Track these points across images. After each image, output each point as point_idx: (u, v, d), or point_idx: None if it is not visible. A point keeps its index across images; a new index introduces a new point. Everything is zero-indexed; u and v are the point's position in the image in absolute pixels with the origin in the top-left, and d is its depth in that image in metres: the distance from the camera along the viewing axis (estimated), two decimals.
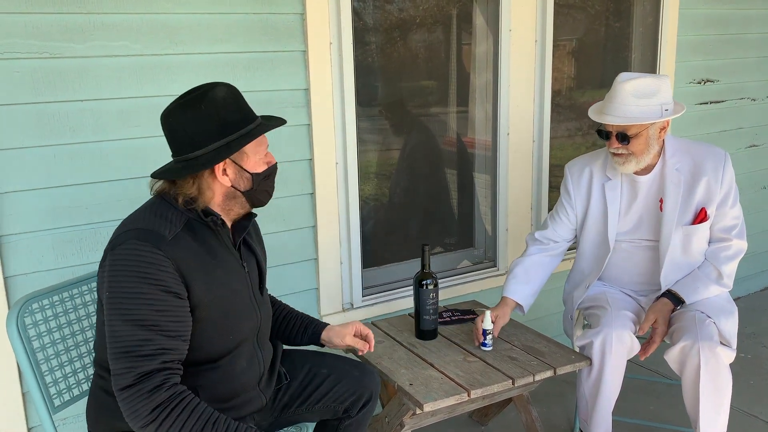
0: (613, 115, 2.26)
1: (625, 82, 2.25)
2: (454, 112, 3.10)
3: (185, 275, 1.55)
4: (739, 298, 4.21)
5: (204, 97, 1.59)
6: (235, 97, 1.64)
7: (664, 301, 2.38)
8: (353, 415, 1.98)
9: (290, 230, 2.59)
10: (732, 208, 2.37)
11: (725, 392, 2.24)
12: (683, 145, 2.41)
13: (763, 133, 4.09)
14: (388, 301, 2.87)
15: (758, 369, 3.32)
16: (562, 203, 2.58)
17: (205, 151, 1.59)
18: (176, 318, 1.54)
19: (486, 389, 2.10)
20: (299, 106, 2.51)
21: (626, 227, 2.47)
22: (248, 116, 1.64)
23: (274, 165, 1.72)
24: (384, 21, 2.82)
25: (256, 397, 1.79)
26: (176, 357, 1.55)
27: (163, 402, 1.49)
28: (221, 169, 1.62)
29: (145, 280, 1.50)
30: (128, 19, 2.17)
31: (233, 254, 1.72)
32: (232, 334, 1.68)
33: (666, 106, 2.26)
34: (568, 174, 2.57)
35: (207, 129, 1.58)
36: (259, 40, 2.39)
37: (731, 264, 2.39)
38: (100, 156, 2.20)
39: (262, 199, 1.73)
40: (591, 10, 3.38)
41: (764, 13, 3.86)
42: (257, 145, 1.66)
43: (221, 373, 1.68)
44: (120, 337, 1.50)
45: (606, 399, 2.36)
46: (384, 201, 3.04)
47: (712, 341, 2.18)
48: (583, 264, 2.58)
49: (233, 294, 1.68)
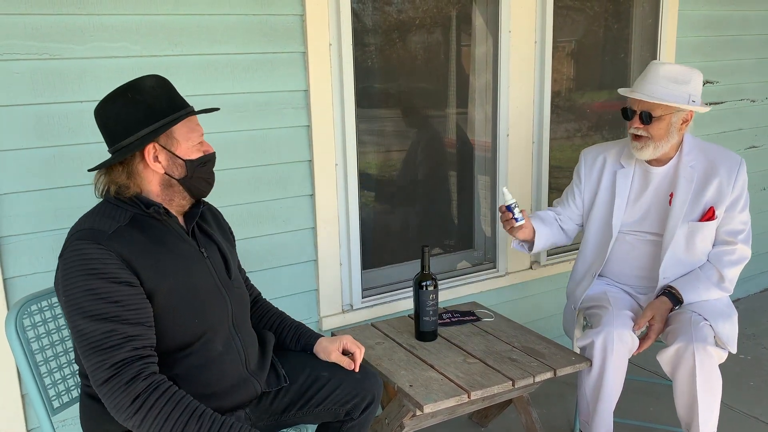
0: (642, 93, 2.29)
1: (660, 65, 2.30)
2: (453, 114, 3.10)
3: (132, 264, 1.57)
4: (739, 300, 4.21)
5: (132, 86, 1.62)
6: (164, 86, 1.66)
7: (662, 299, 2.38)
8: (355, 417, 1.97)
9: (290, 231, 2.59)
10: (741, 213, 2.39)
11: (718, 392, 2.26)
12: (701, 145, 2.43)
13: (763, 134, 4.09)
14: (387, 302, 2.87)
15: (758, 370, 3.32)
16: (572, 187, 2.62)
17: (135, 137, 1.61)
18: (133, 306, 1.55)
19: (486, 390, 2.09)
20: (299, 107, 2.51)
21: (633, 218, 2.47)
22: (177, 103, 1.66)
23: (210, 153, 1.73)
24: (383, 22, 2.82)
25: (246, 383, 1.78)
26: (145, 343, 1.56)
27: (143, 391, 1.50)
28: (152, 155, 1.63)
29: (95, 276, 1.53)
30: (127, 21, 2.17)
31: (187, 242, 1.72)
32: (197, 318, 1.68)
33: (693, 98, 2.29)
34: (582, 159, 2.60)
35: (135, 116, 1.61)
36: (258, 42, 2.39)
37: (734, 269, 2.39)
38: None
39: (201, 188, 1.73)
40: (590, 12, 3.38)
41: (763, 14, 3.87)
42: (189, 131, 1.67)
43: (196, 359, 1.68)
44: (84, 335, 1.52)
45: (607, 398, 2.36)
46: (384, 202, 3.04)
47: (706, 342, 2.19)
48: (587, 251, 2.58)
49: (192, 279, 1.68)
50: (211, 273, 1.75)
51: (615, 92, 3.56)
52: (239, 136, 2.41)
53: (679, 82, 2.27)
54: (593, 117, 3.55)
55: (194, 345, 1.69)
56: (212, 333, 1.72)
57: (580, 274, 2.61)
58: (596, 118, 3.56)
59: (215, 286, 1.75)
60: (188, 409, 1.53)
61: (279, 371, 1.93)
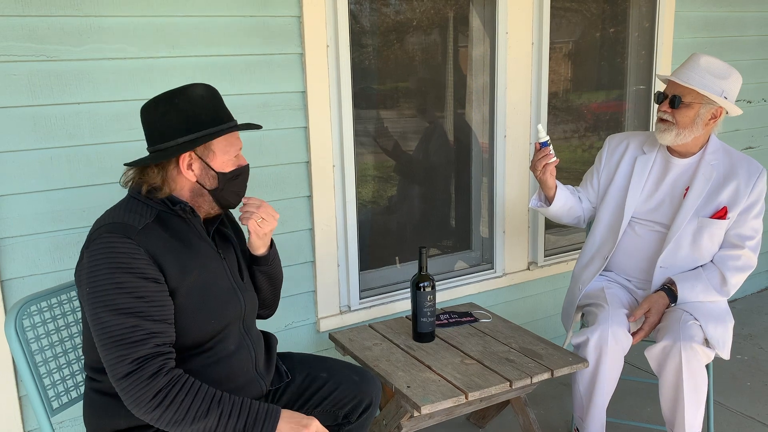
0: (676, 77, 2.32)
1: (702, 56, 2.33)
2: (451, 115, 3.11)
3: (159, 261, 1.59)
4: (736, 300, 4.22)
5: (181, 93, 1.64)
6: (213, 97, 1.68)
7: (660, 294, 2.40)
8: (353, 420, 1.98)
9: (287, 233, 2.59)
10: (754, 219, 2.39)
11: (703, 391, 2.27)
12: (726, 149, 2.46)
13: (759, 135, 4.10)
14: (385, 303, 2.87)
15: (755, 371, 3.33)
16: (591, 170, 2.66)
17: (173, 143, 1.63)
18: (158, 303, 1.57)
19: (483, 392, 2.10)
20: (296, 108, 2.51)
21: (647, 206, 2.48)
22: (221, 116, 1.67)
23: (244, 166, 1.75)
24: (381, 24, 2.82)
25: (255, 382, 1.80)
26: (166, 340, 1.58)
27: (164, 387, 1.52)
28: (186, 163, 1.65)
29: (122, 270, 1.54)
30: (124, 22, 2.17)
31: (207, 242, 1.74)
32: (214, 318, 1.70)
33: (726, 94, 2.31)
34: (606, 144, 2.64)
35: (177, 123, 1.63)
36: (256, 43, 2.39)
37: (738, 275, 2.38)
38: (97, 159, 2.20)
39: (231, 200, 1.75)
40: (587, 13, 3.39)
41: (759, 15, 3.88)
42: (227, 145, 1.68)
43: (210, 357, 1.70)
44: (107, 328, 1.53)
45: (601, 396, 2.37)
46: (381, 203, 3.04)
47: (692, 341, 2.20)
48: (597, 234, 2.59)
49: (210, 279, 1.70)
50: (227, 274, 1.77)
51: (612, 93, 3.57)
52: None
53: (716, 75, 2.29)
54: (590, 118, 3.55)
55: (209, 343, 1.70)
56: (226, 332, 1.74)
57: (588, 255, 2.62)
58: (593, 119, 3.56)
59: (231, 287, 1.78)
60: (207, 397, 1.55)
61: (280, 368, 1.95)
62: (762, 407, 2.99)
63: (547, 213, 2.58)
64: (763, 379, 3.24)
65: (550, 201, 2.52)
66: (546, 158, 2.39)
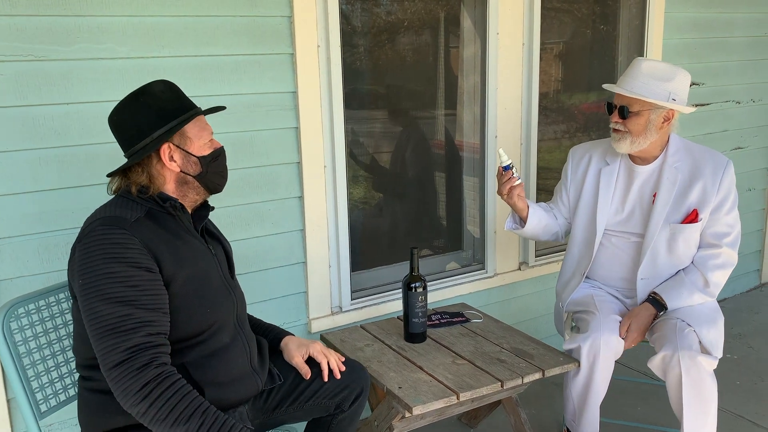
0: (620, 86, 2.30)
1: (643, 61, 2.30)
2: (442, 115, 3.11)
3: (153, 251, 1.61)
4: (726, 300, 4.25)
5: (143, 93, 1.69)
6: (172, 89, 1.73)
7: (645, 306, 2.39)
8: (345, 409, 2.00)
9: (278, 234, 2.59)
10: (726, 215, 2.37)
11: (710, 399, 2.24)
12: (688, 146, 2.43)
13: (748, 135, 4.13)
14: (377, 304, 2.87)
15: (745, 370, 3.35)
16: (560, 186, 2.65)
17: (150, 139, 1.67)
18: (151, 291, 1.58)
19: (475, 392, 2.10)
20: (287, 109, 2.50)
21: (618, 217, 2.48)
22: (186, 105, 1.73)
23: (220, 148, 1.79)
24: (372, 24, 2.82)
25: (250, 378, 1.81)
26: (159, 330, 1.58)
27: (153, 380, 1.51)
28: (167, 155, 1.69)
29: (115, 260, 1.56)
30: (114, 22, 2.16)
31: (197, 238, 1.78)
32: (209, 308, 1.72)
33: (674, 97, 2.28)
34: (570, 157, 2.62)
35: (147, 119, 1.67)
36: (246, 43, 2.38)
37: (719, 273, 2.37)
38: (86, 160, 2.19)
39: (216, 182, 1.79)
40: (578, 14, 3.40)
41: (747, 16, 3.90)
42: (200, 129, 1.73)
43: (206, 348, 1.71)
44: (100, 317, 1.53)
45: (594, 400, 2.38)
46: (373, 203, 3.04)
47: (691, 350, 2.19)
48: (575, 249, 2.59)
49: (203, 272, 1.73)
50: (218, 270, 1.80)
51: (602, 94, 3.58)
52: (227, 138, 2.40)
53: (660, 79, 2.26)
54: (581, 118, 3.56)
55: (204, 334, 1.72)
56: (221, 324, 1.76)
57: (568, 273, 2.63)
58: (584, 119, 3.58)
59: (223, 283, 1.80)
60: (193, 404, 1.54)
61: (272, 370, 1.97)
62: (751, 406, 3.01)
63: (522, 234, 2.58)
64: (753, 378, 3.26)
65: (524, 222, 2.52)
66: (510, 182, 2.39)
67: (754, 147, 4.18)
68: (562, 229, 2.64)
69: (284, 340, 2.03)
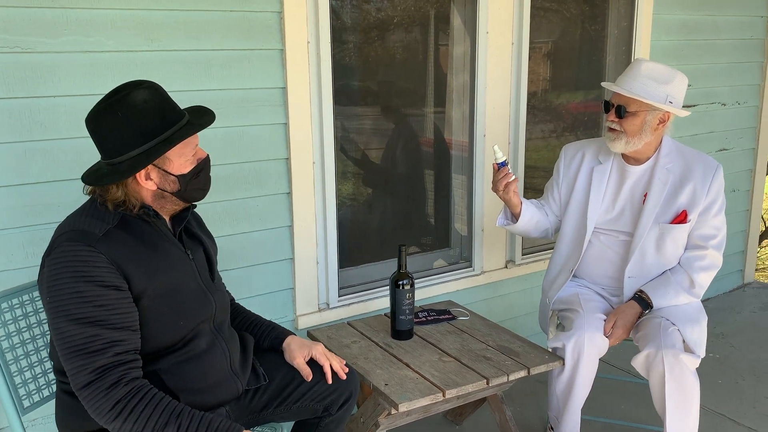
0: (619, 86, 2.32)
1: (644, 62, 2.33)
2: (431, 113, 3.11)
3: (122, 267, 1.56)
4: (709, 299, 4.29)
5: (122, 103, 1.57)
6: (157, 99, 1.61)
7: (631, 304, 2.41)
8: (333, 413, 1.98)
9: (266, 230, 2.58)
10: (714, 218, 2.40)
11: (692, 397, 2.27)
12: (680, 148, 2.46)
13: (733, 137, 4.16)
14: (364, 301, 2.87)
15: (727, 369, 3.38)
16: (551, 182, 2.66)
17: (127, 158, 1.59)
18: (120, 310, 1.55)
19: (461, 389, 2.11)
20: (276, 104, 2.50)
21: (608, 215, 2.49)
22: (169, 120, 1.61)
23: (203, 160, 1.71)
24: (362, 20, 2.82)
25: (230, 382, 1.79)
26: (129, 347, 1.56)
27: (123, 397, 1.51)
28: (143, 176, 1.62)
29: (82, 278, 1.52)
30: (102, 15, 2.14)
31: (174, 243, 1.72)
32: (183, 320, 1.69)
33: (671, 99, 2.31)
34: (562, 154, 2.63)
35: (126, 136, 1.58)
36: (235, 38, 2.37)
37: (704, 275, 2.41)
38: (73, 153, 2.17)
39: (196, 196, 1.73)
40: (567, 13, 3.41)
41: (733, 19, 3.94)
42: (182, 147, 1.64)
43: (180, 355, 1.69)
44: (67, 338, 1.52)
45: (577, 398, 2.40)
46: (361, 200, 3.04)
47: (675, 348, 2.22)
48: (563, 247, 2.61)
49: (178, 281, 1.69)
50: (195, 275, 1.76)
51: (591, 93, 3.60)
52: (215, 133, 2.39)
53: (659, 81, 2.29)
54: (569, 118, 3.58)
55: (178, 343, 1.69)
56: (196, 331, 1.73)
57: (556, 269, 2.64)
58: (572, 118, 3.59)
59: (200, 288, 1.76)
60: (167, 410, 1.54)
61: (258, 370, 1.94)
62: (733, 405, 3.04)
63: (514, 230, 2.59)
64: (734, 377, 3.30)
65: (516, 218, 2.53)
66: (506, 178, 2.40)
67: (739, 149, 4.22)
68: (553, 226, 2.65)
69: (286, 340, 1.99)
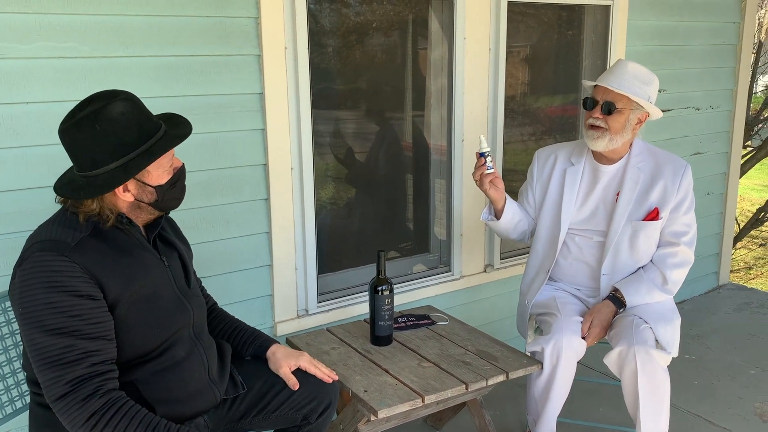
0: (608, 83, 2.35)
1: (628, 62, 2.38)
2: (410, 117, 3.12)
3: (96, 276, 1.54)
4: (685, 301, 4.34)
5: (99, 115, 1.54)
6: (134, 111, 1.59)
7: (606, 303, 2.45)
8: (312, 421, 1.97)
9: (244, 236, 2.56)
10: (684, 215, 2.45)
11: (663, 394, 2.31)
12: (650, 149, 2.51)
13: (707, 141, 4.22)
14: (343, 306, 2.86)
15: (702, 370, 3.43)
16: (525, 187, 2.69)
17: (104, 171, 1.57)
18: (94, 320, 1.53)
19: (440, 395, 2.11)
20: (253, 110, 2.48)
21: (582, 215, 2.52)
22: (148, 132, 1.60)
23: (179, 169, 1.70)
24: (340, 25, 2.81)
25: (207, 391, 1.77)
26: (104, 358, 1.54)
27: (99, 409, 1.49)
28: (121, 188, 1.60)
29: (55, 289, 1.49)
30: (76, 20, 2.11)
31: (148, 250, 1.70)
32: (159, 327, 1.67)
33: (651, 100, 2.38)
34: (535, 158, 2.66)
35: (104, 150, 1.56)
36: (212, 44, 2.36)
37: (677, 271, 2.45)
38: (47, 160, 2.14)
39: (172, 206, 1.72)
40: (544, 18, 3.44)
41: (707, 25, 4.00)
42: (161, 158, 1.62)
43: (158, 364, 1.67)
44: (41, 349, 1.49)
45: (555, 401, 2.42)
46: (340, 206, 3.04)
47: (646, 345, 2.25)
48: (539, 248, 2.63)
49: (153, 288, 1.67)
50: (171, 282, 1.74)
51: (568, 97, 3.63)
52: (192, 140, 2.37)
53: (643, 81, 2.35)
54: (546, 121, 3.61)
55: (154, 352, 1.68)
56: (174, 339, 1.71)
57: (533, 271, 2.66)
58: (549, 122, 3.62)
59: (176, 295, 1.74)
60: (143, 423, 1.53)
61: (236, 378, 1.92)
62: (708, 406, 3.08)
63: (496, 227, 2.60)
64: (710, 378, 3.34)
65: (497, 216, 2.55)
66: (481, 168, 2.42)
67: (713, 152, 4.28)
68: (529, 228, 2.67)
69: (271, 348, 1.98)
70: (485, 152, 2.41)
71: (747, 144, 7.69)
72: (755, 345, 3.71)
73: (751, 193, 11.16)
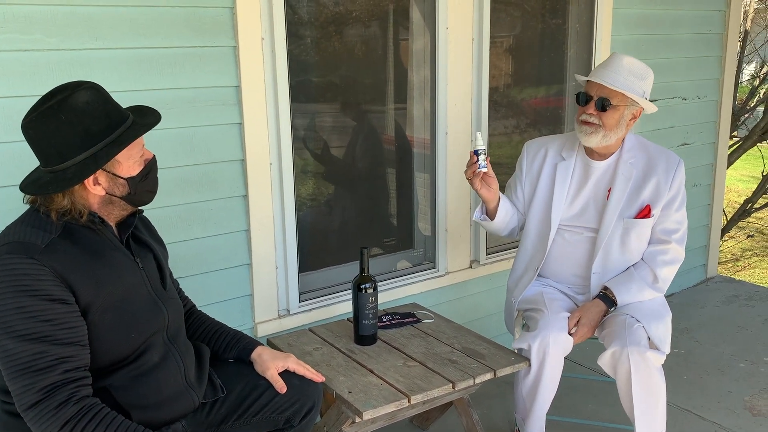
0: (602, 79, 2.29)
1: (623, 57, 2.32)
2: (392, 110, 3.05)
3: (68, 279, 1.49)
4: (674, 294, 4.32)
5: (63, 105, 1.50)
6: (100, 100, 1.55)
7: (596, 302, 2.40)
8: (295, 425, 1.92)
9: (221, 234, 2.49)
10: (676, 212, 2.41)
11: (659, 394, 2.28)
12: (642, 143, 2.46)
13: (694, 131, 4.19)
14: (326, 306, 2.80)
15: (691, 364, 3.40)
16: (514, 180, 2.63)
17: (72, 163, 1.52)
18: (67, 325, 1.48)
19: (426, 394, 2.06)
20: (229, 104, 2.41)
21: (572, 211, 2.47)
22: (115, 121, 1.56)
23: (151, 161, 1.66)
24: (319, 15, 2.74)
25: (185, 395, 1.73)
26: (78, 364, 1.49)
27: (73, 417, 1.44)
28: (91, 181, 1.55)
29: (25, 293, 1.44)
30: (43, 11, 2.03)
31: (122, 251, 1.65)
32: (134, 332, 1.62)
33: (647, 95, 2.34)
34: (525, 150, 2.60)
35: (71, 140, 1.51)
36: (185, 35, 2.28)
37: (667, 269, 2.41)
38: (13, 158, 2.05)
39: (145, 199, 1.68)
40: (528, 7, 3.39)
41: (693, 14, 3.96)
42: (130, 148, 1.59)
43: (133, 370, 1.63)
44: (12, 356, 1.43)
45: (543, 398, 2.38)
46: (321, 202, 2.97)
47: (640, 346, 2.21)
48: (528, 244, 2.57)
49: (127, 291, 1.62)
50: (145, 284, 1.69)
51: (553, 88, 3.58)
52: (166, 135, 2.29)
53: (638, 76, 2.30)
54: (531, 113, 3.56)
55: (129, 357, 1.62)
56: (148, 345, 1.66)
57: (521, 268, 2.61)
58: (534, 114, 3.57)
59: (150, 298, 1.69)
60: (120, 429, 1.48)
61: (215, 381, 1.88)
62: (698, 400, 3.05)
63: (489, 227, 2.54)
64: (699, 372, 3.31)
65: (490, 215, 2.49)
66: (473, 167, 2.35)
67: (700, 143, 4.25)
68: (518, 224, 2.61)
69: (256, 351, 1.93)
70: (478, 150, 2.34)
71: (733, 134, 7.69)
72: (744, 338, 3.68)
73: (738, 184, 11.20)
